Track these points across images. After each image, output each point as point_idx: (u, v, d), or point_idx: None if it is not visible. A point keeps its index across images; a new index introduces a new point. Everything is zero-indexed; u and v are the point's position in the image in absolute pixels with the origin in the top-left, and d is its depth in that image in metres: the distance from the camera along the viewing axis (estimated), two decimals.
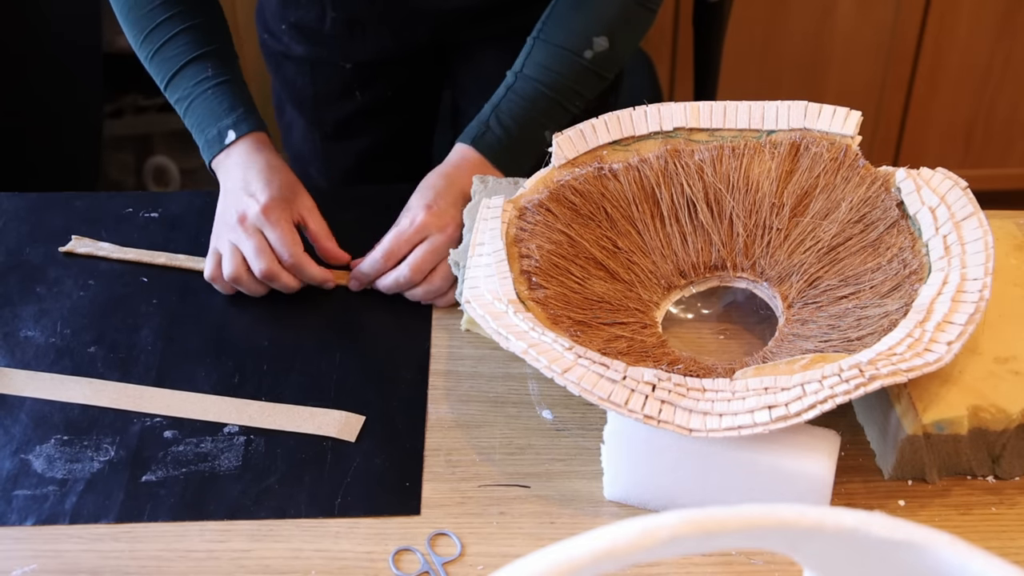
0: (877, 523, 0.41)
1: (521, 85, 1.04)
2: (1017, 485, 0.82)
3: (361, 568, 0.77)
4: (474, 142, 1.03)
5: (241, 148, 1.02)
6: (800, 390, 0.73)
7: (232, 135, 1.02)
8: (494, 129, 1.03)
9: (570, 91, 1.05)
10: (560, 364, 0.77)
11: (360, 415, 0.89)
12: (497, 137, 1.03)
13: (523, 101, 1.03)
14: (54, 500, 0.82)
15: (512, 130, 1.03)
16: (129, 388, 0.91)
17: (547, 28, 1.05)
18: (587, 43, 1.03)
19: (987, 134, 2.29)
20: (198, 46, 1.04)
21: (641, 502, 0.81)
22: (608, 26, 1.04)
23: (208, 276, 1.00)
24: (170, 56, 1.04)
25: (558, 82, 1.04)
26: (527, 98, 1.03)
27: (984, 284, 0.79)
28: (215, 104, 1.03)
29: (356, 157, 1.35)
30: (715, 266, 0.94)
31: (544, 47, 1.04)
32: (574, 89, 1.05)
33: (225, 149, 1.02)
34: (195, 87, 1.04)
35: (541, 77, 1.04)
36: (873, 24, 2.14)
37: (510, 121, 1.03)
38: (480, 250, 0.89)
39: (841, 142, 0.93)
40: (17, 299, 1.01)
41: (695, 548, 0.42)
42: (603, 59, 1.04)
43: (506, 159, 1.03)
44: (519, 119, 1.03)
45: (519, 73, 1.05)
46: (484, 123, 1.04)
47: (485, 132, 1.03)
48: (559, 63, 1.03)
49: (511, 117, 1.03)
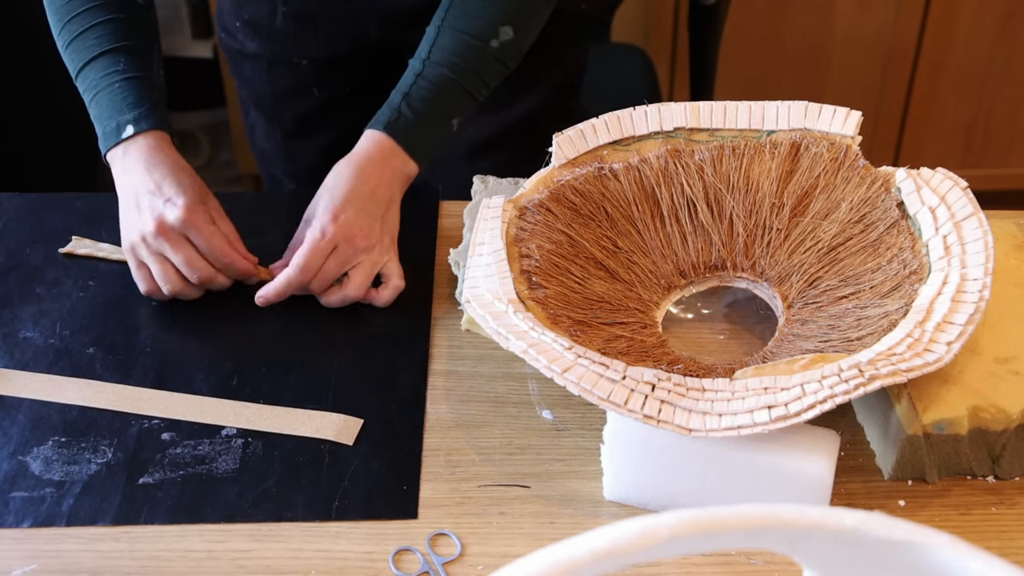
0: (877, 523, 0.41)
1: (430, 72, 1.03)
2: (1017, 485, 0.82)
3: (361, 568, 0.77)
4: (386, 127, 1.02)
5: (140, 145, 0.99)
6: (800, 390, 0.73)
7: (130, 130, 0.99)
8: (405, 114, 1.02)
9: (476, 79, 1.04)
10: (560, 364, 0.77)
11: (358, 418, 0.88)
12: (409, 121, 1.02)
13: (432, 87, 1.03)
14: (51, 502, 0.82)
15: (422, 115, 1.02)
16: (127, 390, 0.91)
17: (453, 15, 1.04)
18: (493, 32, 1.03)
19: (987, 134, 2.29)
20: (115, 39, 1.03)
21: (641, 502, 0.81)
22: (514, 15, 1.04)
23: (144, 291, 0.99)
24: (85, 46, 1.03)
25: (465, 70, 1.03)
26: (436, 84, 1.03)
27: (984, 284, 0.79)
28: (119, 98, 1.01)
29: (319, 153, 1.34)
30: (715, 266, 0.94)
31: (451, 34, 1.03)
32: (480, 78, 1.04)
33: (122, 143, 0.99)
34: (103, 79, 1.02)
35: (449, 65, 1.03)
36: (873, 24, 2.14)
37: (420, 106, 1.02)
38: (480, 250, 0.89)
39: (841, 142, 0.93)
40: (16, 300, 1.01)
41: (695, 548, 0.42)
42: (508, 48, 1.04)
43: (417, 144, 1.03)
44: (428, 105, 1.03)
45: (426, 60, 1.04)
46: (395, 109, 1.03)
47: (397, 118, 1.02)
48: (466, 51, 1.03)
49: (421, 102, 1.02)
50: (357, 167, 1.00)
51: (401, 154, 1.02)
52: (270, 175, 1.42)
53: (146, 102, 1.01)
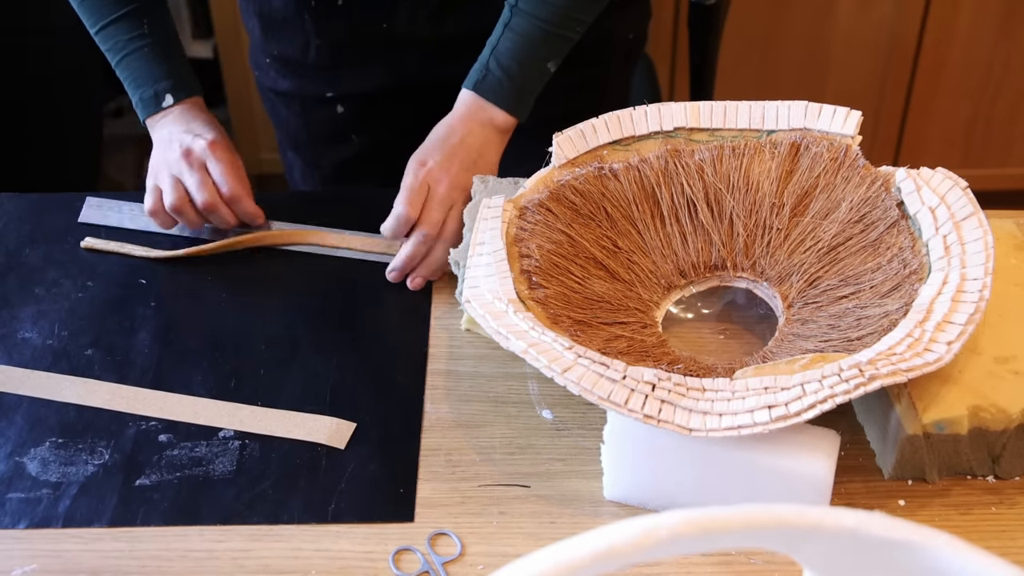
0: (877, 523, 0.41)
1: (517, 21, 1.01)
2: (1017, 485, 0.82)
3: (361, 568, 0.77)
4: (476, 87, 1.02)
5: (178, 111, 1.06)
6: (800, 390, 0.73)
7: (170, 99, 1.06)
8: (493, 72, 1.01)
9: (567, 20, 1.01)
10: (560, 364, 0.77)
11: (351, 422, 0.88)
12: (498, 79, 1.01)
13: (519, 38, 1.01)
14: (47, 503, 0.82)
15: (512, 70, 1.01)
16: (123, 389, 0.91)
17: None
18: None
19: (987, 134, 2.29)
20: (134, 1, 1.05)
21: (641, 502, 0.81)
22: None
23: (148, 209, 1.03)
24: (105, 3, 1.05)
25: (555, 13, 1.00)
26: (523, 35, 1.01)
27: (984, 284, 0.79)
28: (152, 64, 1.06)
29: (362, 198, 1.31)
30: (715, 266, 0.93)
31: None
32: (572, 16, 1.01)
33: (161, 111, 1.06)
34: (130, 42, 1.05)
35: (536, 11, 1.00)
36: (873, 24, 2.14)
37: (509, 61, 1.01)
38: (480, 249, 0.89)
39: (841, 142, 0.93)
40: (16, 300, 1.01)
41: (695, 548, 0.42)
42: None
43: (510, 98, 1.02)
44: (518, 57, 1.01)
45: (514, 7, 1.02)
46: (484, 66, 1.02)
47: (485, 75, 1.02)
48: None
49: (510, 57, 1.01)
50: (447, 125, 1.02)
51: (492, 108, 1.02)
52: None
53: (180, 69, 1.07)
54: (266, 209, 1.06)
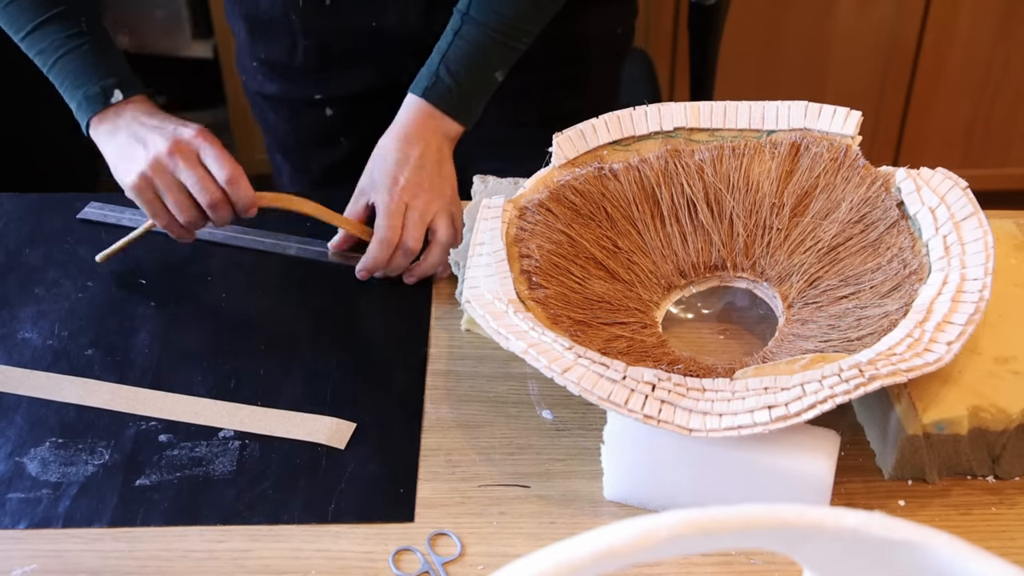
0: (877, 523, 0.41)
1: (468, 29, 1.01)
2: (1017, 485, 0.82)
3: (361, 568, 0.77)
4: (424, 93, 1.02)
5: (131, 108, 1.00)
6: (800, 390, 0.73)
7: (119, 95, 1.00)
8: (443, 78, 1.01)
9: (516, 31, 1.02)
10: (560, 364, 0.77)
11: (351, 422, 0.88)
12: (447, 85, 1.02)
13: (470, 47, 1.01)
14: (47, 503, 0.82)
15: (461, 77, 1.01)
16: (123, 389, 0.91)
17: None
18: None
19: (987, 134, 2.29)
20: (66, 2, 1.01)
21: (641, 502, 0.81)
22: None
23: (164, 225, 0.98)
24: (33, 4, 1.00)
25: (504, 23, 1.01)
26: (474, 43, 1.01)
27: (984, 284, 0.79)
28: (95, 61, 1.00)
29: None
30: (715, 266, 0.93)
31: None
32: (519, 27, 1.02)
33: (111, 108, 0.99)
34: (67, 40, 1.00)
35: (486, 20, 1.01)
36: (873, 24, 2.14)
37: (458, 67, 1.01)
38: (480, 250, 0.89)
39: (841, 142, 0.93)
40: (16, 300, 1.01)
41: (695, 548, 0.42)
42: None
43: (458, 106, 1.02)
44: (468, 65, 1.01)
45: (465, 15, 1.02)
46: (434, 72, 1.02)
47: (435, 82, 1.02)
48: (503, 3, 1.01)
49: (459, 63, 1.01)
50: (399, 138, 1.01)
51: (442, 116, 1.02)
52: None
53: (124, 67, 1.01)
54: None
